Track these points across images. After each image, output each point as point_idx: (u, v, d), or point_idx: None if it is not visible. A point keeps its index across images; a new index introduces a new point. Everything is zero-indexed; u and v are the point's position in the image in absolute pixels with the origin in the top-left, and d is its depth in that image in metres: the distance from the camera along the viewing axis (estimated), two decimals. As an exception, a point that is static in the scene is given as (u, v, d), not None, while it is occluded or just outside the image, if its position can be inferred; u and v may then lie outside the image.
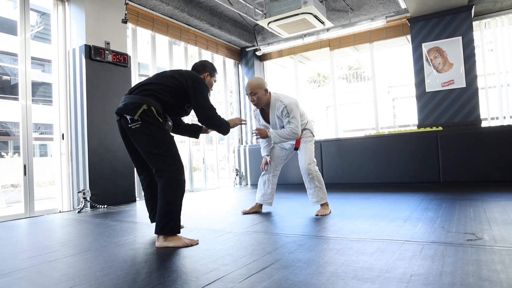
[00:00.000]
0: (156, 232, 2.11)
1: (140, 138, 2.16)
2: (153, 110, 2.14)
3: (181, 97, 2.29)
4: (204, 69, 2.53)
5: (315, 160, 2.98)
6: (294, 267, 1.58)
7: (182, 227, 2.58)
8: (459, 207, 2.91)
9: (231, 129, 2.48)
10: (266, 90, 2.88)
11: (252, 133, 2.90)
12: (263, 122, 3.06)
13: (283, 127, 2.90)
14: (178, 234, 2.14)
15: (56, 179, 4.33)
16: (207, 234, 2.39)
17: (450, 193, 3.81)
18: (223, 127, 2.40)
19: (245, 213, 3.16)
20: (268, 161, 3.12)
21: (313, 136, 3.06)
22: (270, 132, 2.83)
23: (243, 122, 2.63)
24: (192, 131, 2.68)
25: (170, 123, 2.31)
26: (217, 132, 2.48)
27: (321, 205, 2.95)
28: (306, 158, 2.92)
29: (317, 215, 2.87)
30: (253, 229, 2.51)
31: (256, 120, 3.14)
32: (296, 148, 3.01)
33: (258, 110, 3.05)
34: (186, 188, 5.68)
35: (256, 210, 3.18)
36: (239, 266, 1.65)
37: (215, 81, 2.61)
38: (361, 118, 14.52)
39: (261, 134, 2.84)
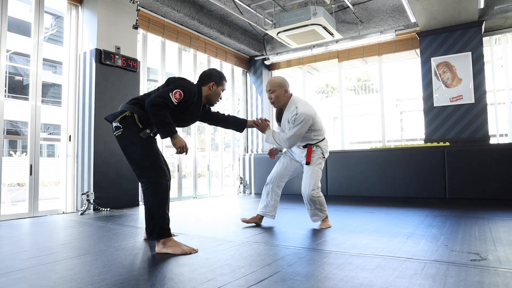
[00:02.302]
0: (148, 238, 2.20)
1: (121, 144, 2.22)
2: (135, 116, 2.19)
3: None
4: (210, 78, 2.38)
5: (319, 185, 2.79)
6: (293, 281, 1.56)
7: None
8: (464, 225, 2.86)
9: (180, 145, 2.17)
10: (286, 91, 2.79)
11: (257, 118, 2.91)
12: (276, 122, 3.01)
13: None
14: (174, 239, 2.16)
15: (61, 180, 4.36)
16: (207, 243, 2.38)
17: (456, 210, 3.75)
18: (161, 124, 2.09)
19: (244, 221, 3.05)
20: (274, 152, 3.07)
21: (324, 157, 2.86)
22: (269, 128, 2.81)
23: (185, 149, 2.20)
24: (238, 125, 2.76)
25: (147, 131, 2.20)
26: (159, 132, 2.17)
27: (322, 220, 2.92)
28: (311, 183, 2.76)
29: (321, 228, 2.85)
30: (253, 239, 2.49)
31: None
32: (308, 163, 2.81)
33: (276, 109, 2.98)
34: (189, 194, 5.76)
35: (256, 222, 3.03)
36: (237, 277, 1.64)
37: (223, 90, 2.46)
38: (368, 130, 14.46)
39: (262, 125, 2.83)
